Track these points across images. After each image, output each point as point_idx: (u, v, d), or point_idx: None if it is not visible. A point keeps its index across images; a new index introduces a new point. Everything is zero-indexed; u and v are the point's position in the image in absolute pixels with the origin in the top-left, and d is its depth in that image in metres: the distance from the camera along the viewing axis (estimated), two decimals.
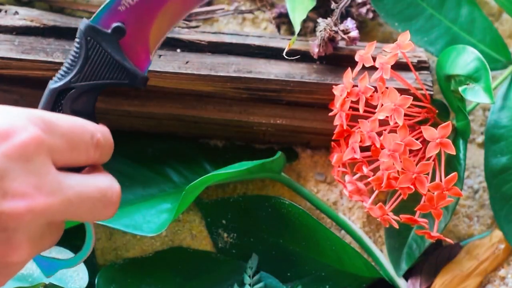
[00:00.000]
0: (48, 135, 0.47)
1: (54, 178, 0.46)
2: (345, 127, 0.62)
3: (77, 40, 0.51)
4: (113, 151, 0.53)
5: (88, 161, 0.51)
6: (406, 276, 0.67)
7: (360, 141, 0.61)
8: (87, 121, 0.51)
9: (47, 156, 0.46)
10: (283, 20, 0.73)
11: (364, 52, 0.63)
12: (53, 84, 0.54)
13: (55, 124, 0.48)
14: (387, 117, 0.59)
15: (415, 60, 0.67)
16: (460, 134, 0.65)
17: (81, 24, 0.51)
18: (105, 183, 0.50)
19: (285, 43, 0.65)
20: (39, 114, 0.47)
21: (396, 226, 0.61)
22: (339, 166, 0.64)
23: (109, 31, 0.51)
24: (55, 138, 0.47)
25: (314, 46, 0.65)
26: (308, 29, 0.73)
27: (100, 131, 0.51)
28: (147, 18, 0.52)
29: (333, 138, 0.64)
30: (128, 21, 0.52)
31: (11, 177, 0.44)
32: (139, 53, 0.52)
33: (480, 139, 0.73)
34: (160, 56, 0.65)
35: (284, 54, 0.63)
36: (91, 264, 0.65)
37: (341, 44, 0.67)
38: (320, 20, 0.66)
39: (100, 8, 0.52)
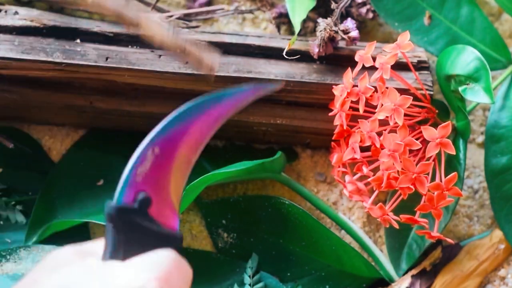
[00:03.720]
0: (163, 278, 0.46)
1: None
2: (345, 127, 0.62)
3: (110, 225, 0.49)
4: None
5: None
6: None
7: (360, 141, 0.61)
8: (171, 250, 0.50)
9: None
10: (283, 20, 0.73)
11: (364, 52, 0.63)
12: None
13: (162, 263, 0.47)
14: (387, 117, 0.59)
15: (415, 60, 0.67)
16: (460, 134, 0.65)
17: (108, 208, 0.49)
18: None
19: (285, 43, 0.65)
20: (146, 261, 0.47)
21: (396, 226, 0.61)
22: (339, 166, 0.64)
23: (137, 205, 0.49)
24: (168, 277, 0.47)
25: (314, 46, 0.65)
26: (308, 29, 0.73)
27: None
28: (164, 178, 0.50)
29: (333, 138, 0.64)
30: (149, 187, 0.50)
31: None
32: (167, 213, 0.50)
33: (480, 139, 0.73)
34: (160, 56, 0.65)
35: (284, 54, 0.63)
36: None
37: (341, 44, 0.67)
38: (320, 20, 0.66)
39: (120, 186, 0.49)
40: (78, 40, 0.65)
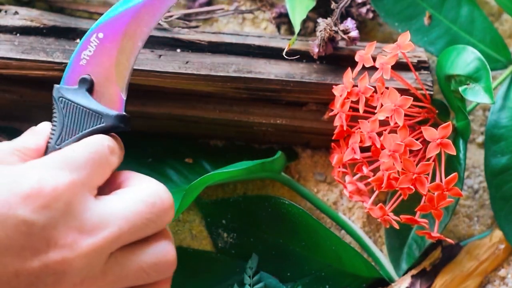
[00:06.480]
0: (75, 172, 0.48)
1: (94, 213, 0.47)
2: (345, 128, 0.62)
3: (53, 105, 0.54)
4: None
5: (112, 170, 0.52)
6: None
7: (360, 142, 0.61)
8: (94, 136, 0.52)
9: (82, 192, 0.48)
10: (283, 20, 0.73)
11: (364, 52, 0.63)
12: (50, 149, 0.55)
13: (75, 157, 0.49)
14: (387, 117, 0.59)
15: (415, 60, 0.67)
16: (460, 134, 0.65)
17: (53, 90, 0.54)
18: (148, 191, 0.51)
19: (285, 43, 0.65)
20: (59, 156, 0.49)
21: (397, 226, 0.61)
22: (339, 167, 0.64)
23: (76, 86, 0.54)
24: (82, 170, 0.49)
25: (314, 46, 0.65)
26: (308, 29, 0.73)
27: (105, 137, 0.53)
28: (108, 61, 0.55)
29: (333, 138, 0.64)
30: (92, 71, 0.55)
31: (52, 226, 0.45)
32: (111, 95, 0.55)
33: (480, 139, 0.73)
34: (160, 56, 0.65)
35: (284, 54, 0.63)
36: None
37: (341, 44, 0.67)
38: (320, 20, 0.66)
39: (65, 70, 0.55)
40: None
